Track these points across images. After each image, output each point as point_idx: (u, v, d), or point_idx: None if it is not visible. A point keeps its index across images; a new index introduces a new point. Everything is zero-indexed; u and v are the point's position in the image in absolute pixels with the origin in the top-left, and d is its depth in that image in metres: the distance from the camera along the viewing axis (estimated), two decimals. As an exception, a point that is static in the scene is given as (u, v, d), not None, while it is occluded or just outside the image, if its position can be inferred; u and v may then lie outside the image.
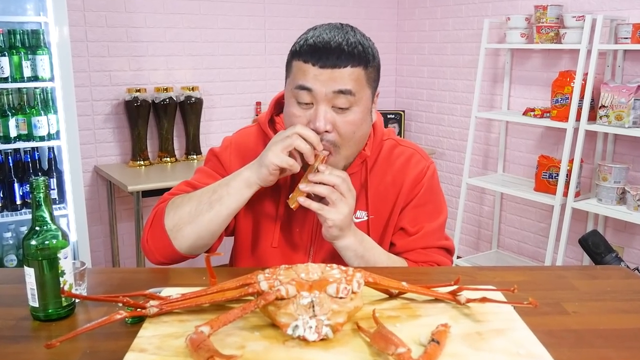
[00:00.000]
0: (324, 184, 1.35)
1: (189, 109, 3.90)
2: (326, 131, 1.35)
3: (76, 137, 3.20)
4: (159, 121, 3.85)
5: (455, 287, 1.16)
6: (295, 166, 1.34)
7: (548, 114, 3.58)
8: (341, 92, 1.33)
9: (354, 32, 1.37)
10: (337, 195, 1.34)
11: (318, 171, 1.35)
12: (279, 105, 1.57)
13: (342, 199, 1.34)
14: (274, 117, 1.56)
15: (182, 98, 3.88)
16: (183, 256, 1.43)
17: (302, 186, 1.35)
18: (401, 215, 1.53)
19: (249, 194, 1.38)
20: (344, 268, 1.11)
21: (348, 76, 1.33)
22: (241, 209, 1.51)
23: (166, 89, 3.80)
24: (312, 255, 1.53)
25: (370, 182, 1.52)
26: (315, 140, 1.33)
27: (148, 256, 1.46)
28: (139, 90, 3.72)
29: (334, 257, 1.47)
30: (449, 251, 1.57)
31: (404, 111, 4.75)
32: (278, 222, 1.51)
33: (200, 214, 1.38)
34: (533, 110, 3.65)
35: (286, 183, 1.51)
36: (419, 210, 1.53)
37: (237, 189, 1.37)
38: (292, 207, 1.37)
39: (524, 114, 3.72)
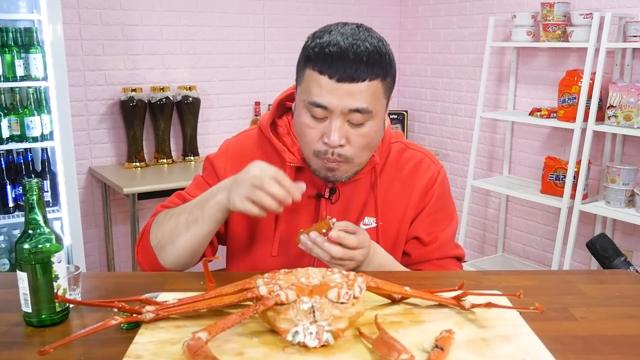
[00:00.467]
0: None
1: (186, 109, 3.90)
2: (340, 145, 1.34)
3: (70, 138, 3.21)
4: (155, 122, 3.85)
5: (459, 292, 1.16)
6: (261, 215, 1.29)
7: (555, 114, 3.58)
8: (357, 110, 1.31)
9: (371, 37, 1.33)
10: (337, 260, 1.31)
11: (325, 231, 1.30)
12: (281, 107, 1.55)
13: (345, 263, 1.32)
14: (276, 119, 1.54)
15: (179, 98, 3.88)
16: (172, 271, 1.45)
17: (303, 238, 1.31)
18: (414, 224, 1.53)
19: (222, 218, 1.38)
20: (345, 272, 1.11)
21: (365, 90, 1.30)
22: (233, 215, 1.50)
23: (162, 89, 3.81)
24: (316, 264, 1.51)
25: (379, 187, 1.51)
26: (282, 197, 1.26)
27: (140, 268, 1.50)
28: (134, 90, 3.73)
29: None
30: (460, 259, 1.58)
31: (406, 111, 4.75)
32: (278, 230, 1.49)
33: (179, 235, 1.40)
34: (539, 110, 3.65)
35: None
36: (432, 218, 1.54)
37: (210, 213, 1.36)
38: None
39: (530, 114, 3.72)
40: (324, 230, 1.29)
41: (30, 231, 1.12)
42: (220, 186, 1.37)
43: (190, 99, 3.88)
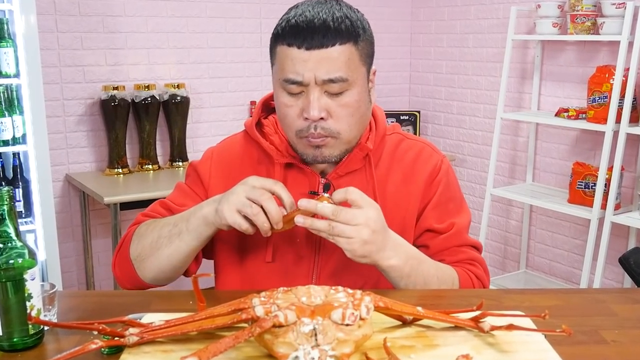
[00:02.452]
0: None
1: (174, 110, 3.91)
2: (321, 118, 1.39)
3: (45, 141, 3.21)
4: (139, 123, 3.86)
5: (478, 312, 1.17)
6: (249, 231, 1.33)
7: (584, 115, 3.58)
8: (332, 80, 1.37)
9: (339, 6, 1.42)
10: (340, 227, 1.29)
11: (316, 197, 1.31)
12: (266, 107, 1.62)
13: (348, 229, 1.29)
14: (262, 119, 1.59)
15: (165, 97, 3.89)
16: (151, 285, 1.50)
17: (297, 218, 1.29)
18: (422, 217, 1.57)
19: (208, 233, 1.41)
20: (350, 291, 1.11)
21: (338, 56, 1.37)
22: None
23: (148, 87, 3.82)
24: (317, 269, 1.53)
25: (377, 180, 1.54)
26: (275, 218, 1.30)
27: (117, 282, 1.55)
28: (116, 88, 3.73)
29: (346, 269, 1.47)
30: (479, 249, 1.62)
31: (419, 112, 4.76)
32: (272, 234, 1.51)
33: (160, 248, 1.44)
34: (567, 110, 3.65)
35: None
36: (442, 209, 1.57)
37: (195, 226, 1.40)
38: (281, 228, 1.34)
39: (556, 115, 3.73)
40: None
41: (0, 245, 1.12)
42: (211, 199, 1.42)
43: (178, 98, 3.89)
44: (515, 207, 4.34)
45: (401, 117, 4.69)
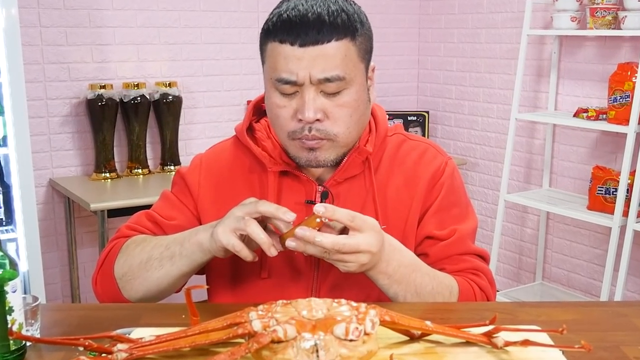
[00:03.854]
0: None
1: (165, 110, 3.91)
2: (317, 120, 1.39)
3: (27, 143, 3.21)
4: (128, 124, 3.86)
5: (491, 327, 1.17)
6: (243, 253, 1.31)
7: (604, 116, 3.58)
8: (328, 79, 1.37)
9: None
10: (338, 256, 1.29)
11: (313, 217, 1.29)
12: (258, 111, 1.61)
13: (347, 257, 1.29)
14: (253, 124, 1.59)
15: (156, 96, 3.89)
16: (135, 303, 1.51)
17: (289, 242, 1.29)
18: (422, 223, 1.56)
19: (202, 260, 1.41)
20: (354, 304, 1.11)
21: (335, 53, 1.36)
22: None
23: (137, 85, 3.82)
24: (316, 284, 1.53)
25: (377, 185, 1.54)
26: (275, 215, 1.29)
27: (97, 298, 1.56)
28: (104, 87, 3.73)
29: (346, 283, 1.47)
30: (485, 259, 1.60)
31: (428, 112, 4.76)
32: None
33: (149, 270, 1.44)
34: (586, 111, 3.66)
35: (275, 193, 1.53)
36: (444, 215, 1.56)
37: (189, 251, 1.40)
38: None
39: (574, 116, 3.73)
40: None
41: (-20, 255, 1.12)
42: (208, 225, 1.41)
43: (170, 97, 3.89)
44: (530, 215, 4.34)
45: (409, 118, 4.70)
